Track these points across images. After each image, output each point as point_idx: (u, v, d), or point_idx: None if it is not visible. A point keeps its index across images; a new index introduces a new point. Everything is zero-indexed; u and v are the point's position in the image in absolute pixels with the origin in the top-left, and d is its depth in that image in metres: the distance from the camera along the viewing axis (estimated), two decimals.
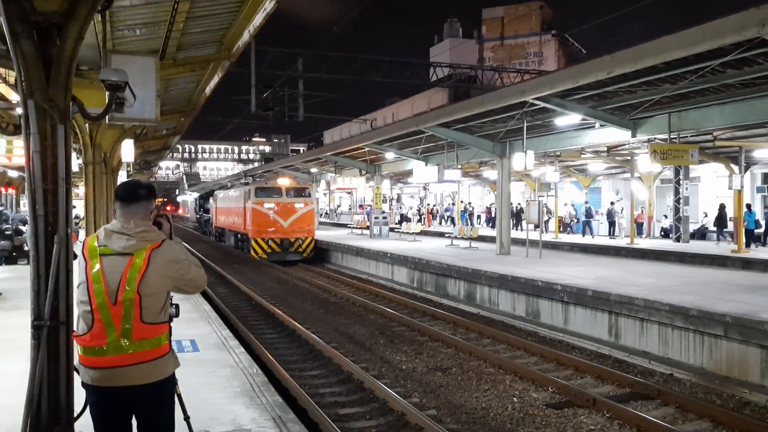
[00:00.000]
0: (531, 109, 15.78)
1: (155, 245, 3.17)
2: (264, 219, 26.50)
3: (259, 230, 26.52)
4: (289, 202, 26.83)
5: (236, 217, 30.71)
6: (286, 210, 26.67)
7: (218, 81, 11.60)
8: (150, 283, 3.09)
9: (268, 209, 26.48)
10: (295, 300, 16.91)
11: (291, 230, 26.56)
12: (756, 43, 9.36)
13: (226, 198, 34.64)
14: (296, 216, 26.75)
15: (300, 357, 10.86)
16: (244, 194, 28.49)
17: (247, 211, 27.72)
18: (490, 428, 7.32)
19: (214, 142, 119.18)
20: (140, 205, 3.25)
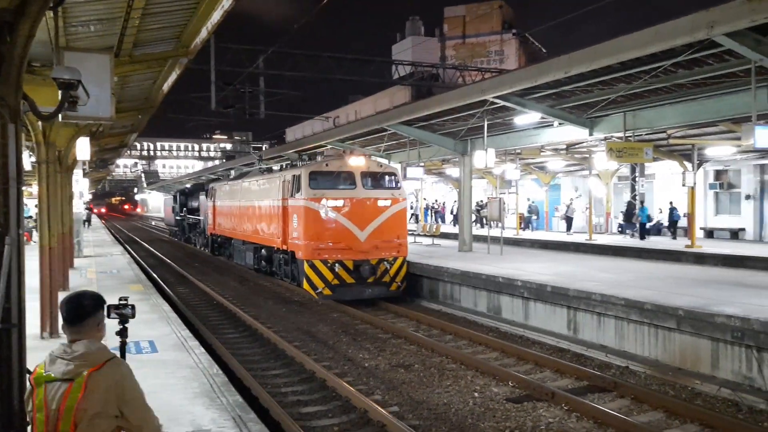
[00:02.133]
0: (491, 108, 15.95)
1: (95, 368, 2.82)
2: (324, 227, 15.73)
3: (317, 246, 15.56)
4: (369, 198, 16.11)
5: (260, 222, 19.94)
6: (364, 211, 15.95)
7: (176, 78, 11.40)
8: (89, 412, 2.78)
9: (332, 209, 15.80)
10: (257, 299, 16.78)
11: (372, 246, 15.80)
12: (706, 45, 9.65)
13: (238, 192, 23.35)
14: (380, 221, 16.01)
15: (262, 356, 10.79)
16: (281, 185, 17.73)
17: (289, 212, 16.93)
18: (451, 423, 7.40)
19: (174, 140, 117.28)
20: (86, 323, 2.94)
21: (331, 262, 15.42)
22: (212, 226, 27.69)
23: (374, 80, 31.64)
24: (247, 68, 26.43)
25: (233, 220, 23.77)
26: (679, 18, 9.46)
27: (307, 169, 16.44)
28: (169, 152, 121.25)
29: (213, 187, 28.00)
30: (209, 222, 28.25)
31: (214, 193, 27.51)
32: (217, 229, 26.96)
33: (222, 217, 25.82)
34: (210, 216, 28.00)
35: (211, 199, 27.56)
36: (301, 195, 16.00)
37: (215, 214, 26.98)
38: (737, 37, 8.92)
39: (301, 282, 15.86)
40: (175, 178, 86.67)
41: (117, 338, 3.41)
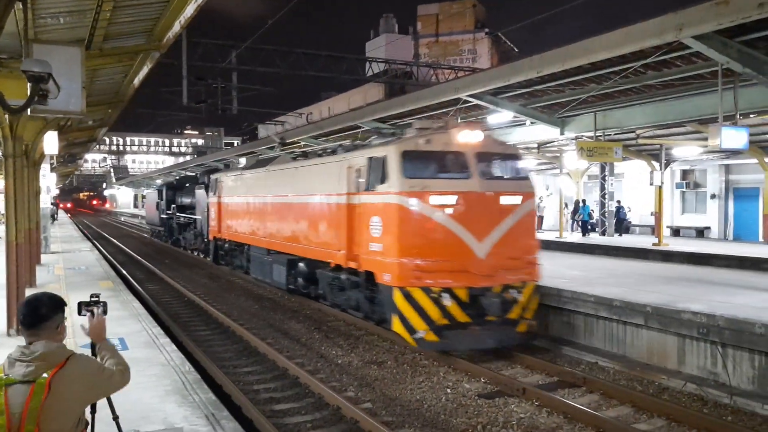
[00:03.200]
0: (465, 106, 16.08)
1: (57, 367, 2.81)
2: (428, 237, 10.22)
3: (417, 267, 10.00)
4: (490, 193, 10.48)
5: (302, 226, 14.20)
6: (484, 212, 10.41)
7: (148, 72, 11.27)
8: (55, 411, 2.77)
9: (437, 209, 10.19)
10: (229, 296, 16.66)
11: (495, 265, 10.31)
12: (674, 47, 9.86)
13: (260, 184, 17.38)
14: (505, 227, 10.53)
15: (234, 354, 10.73)
16: (344, 174, 12.00)
17: (362, 213, 11.33)
18: (424, 419, 7.45)
19: (144, 135, 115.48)
20: (44, 326, 2.91)
21: (436, 291, 9.64)
22: (217, 228, 21.38)
23: (348, 77, 31.58)
24: (220, 63, 26.17)
25: (252, 222, 17.76)
26: (648, 20, 9.65)
27: (398, 147, 10.36)
28: (139, 147, 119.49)
29: (218, 179, 21.52)
30: (212, 223, 21.94)
31: (219, 186, 21.21)
32: (224, 232, 20.66)
33: (233, 217, 19.71)
34: (213, 215, 21.79)
35: (216, 194, 21.52)
36: (390, 187, 10.20)
37: (222, 213, 20.84)
38: (704, 39, 9.13)
39: (389, 319, 10.12)
40: (146, 173, 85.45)
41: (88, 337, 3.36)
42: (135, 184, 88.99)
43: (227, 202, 20.38)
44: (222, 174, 21.83)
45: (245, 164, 21.14)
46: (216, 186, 21.68)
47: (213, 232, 22.01)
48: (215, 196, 21.62)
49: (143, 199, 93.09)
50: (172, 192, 31.45)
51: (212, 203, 22.06)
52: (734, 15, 8.24)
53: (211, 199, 22.21)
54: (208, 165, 39.28)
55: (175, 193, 31.15)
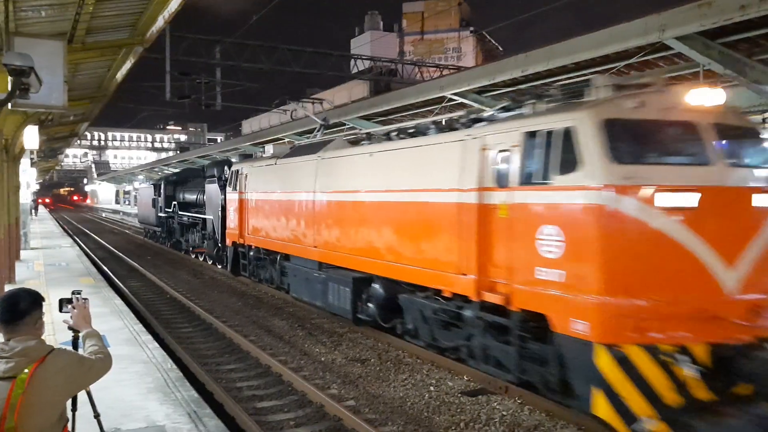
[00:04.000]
0: (449, 104, 16.09)
1: (38, 362, 2.80)
2: (646, 259, 6.23)
3: (635, 310, 6.10)
4: (741, 188, 6.56)
5: (377, 229, 10.53)
6: (731, 217, 6.42)
7: (131, 67, 11.17)
8: (36, 406, 2.75)
9: (665, 214, 6.22)
10: (212, 293, 16.57)
11: (754, 304, 6.31)
12: (657, 47, 9.94)
13: (308, 176, 13.08)
14: (763, 243, 6.49)
15: (217, 351, 10.68)
16: (476, 159, 8.12)
17: (510, 219, 7.49)
18: (407, 417, 7.47)
19: (126, 130, 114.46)
20: (22, 323, 2.91)
21: (668, 352, 6.07)
22: (237, 231, 17.07)
23: (333, 74, 31.52)
24: (204, 59, 26.00)
25: (294, 225, 13.55)
26: (632, 21, 9.73)
27: (597, 113, 6.63)
28: (121, 143, 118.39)
29: (239, 171, 17.37)
30: (231, 224, 17.76)
31: (241, 179, 17.03)
32: (249, 237, 16.39)
33: (263, 217, 15.43)
34: (232, 215, 17.53)
35: (235, 189, 17.39)
36: (586, 178, 6.49)
37: (245, 213, 16.61)
38: (687, 40, 9.22)
39: (580, 392, 6.53)
40: (128, 169, 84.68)
41: (69, 332, 3.33)
42: (117, 180, 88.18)
43: (254, 198, 15.85)
44: (246, 164, 17.41)
45: (274, 152, 15.39)
46: (236, 179, 17.33)
47: (232, 236, 17.49)
48: (234, 192, 17.36)
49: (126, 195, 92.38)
50: (172, 187, 27.41)
51: (231, 200, 17.71)
52: (716, 17, 8.34)
53: (230, 195, 17.84)
54: (213, 156, 34.67)
55: (176, 188, 27.03)
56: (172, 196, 26.94)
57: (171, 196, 27.04)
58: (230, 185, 17.89)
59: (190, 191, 24.77)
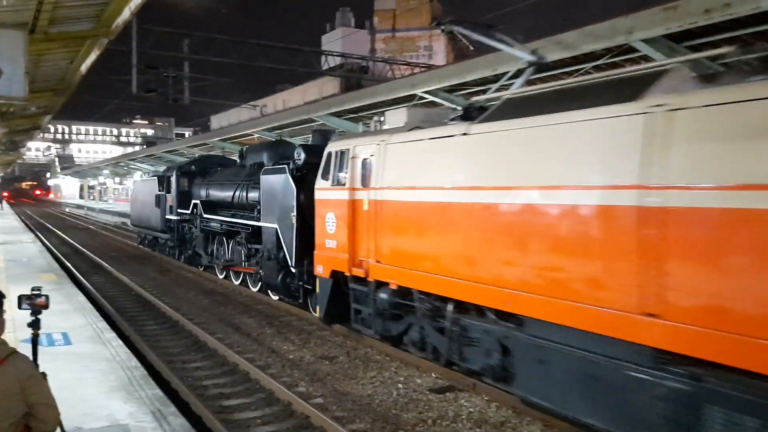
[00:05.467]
0: (420, 102, 16.13)
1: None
2: None
3: None
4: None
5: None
6: None
7: (96, 59, 10.94)
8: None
9: None
10: (179, 290, 16.34)
11: None
12: (624, 49, 10.10)
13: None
14: None
15: (183, 349, 10.54)
16: None
17: None
18: (375, 414, 7.46)
19: (91, 123, 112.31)
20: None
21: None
22: (346, 256, 10.10)
23: (303, 70, 31.36)
24: (172, 52, 25.64)
25: (512, 253, 7.01)
26: (600, 23, 9.86)
27: None
28: (86, 136, 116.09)
29: (352, 152, 10.14)
30: (332, 242, 10.62)
31: (358, 165, 9.97)
32: (380, 267, 9.34)
33: (422, 234, 8.50)
34: (332, 227, 10.62)
35: (340, 184, 10.42)
36: None
37: (368, 225, 9.62)
38: (653, 43, 9.39)
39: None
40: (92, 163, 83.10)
41: (29, 330, 3.24)
42: (81, 175, 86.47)
43: (391, 199, 9.07)
44: (366, 140, 9.94)
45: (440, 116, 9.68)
46: (338, 166, 10.48)
47: (330, 262, 10.57)
48: (335, 188, 10.48)
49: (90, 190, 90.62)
50: (188, 180, 20.30)
51: (326, 203, 10.78)
52: (682, 20, 8.50)
53: (324, 194, 10.89)
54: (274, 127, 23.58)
55: (193, 181, 20.00)
56: (189, 192, 20.03)
57: (187, 193, 20.08)
58: (326, 177, 10.77)
59: (222, 186, 17.45)
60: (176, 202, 20.58)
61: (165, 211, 21.59)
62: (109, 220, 47.44)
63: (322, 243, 10.77)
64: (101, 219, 49.95)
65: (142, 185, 26.00)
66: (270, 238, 13.37)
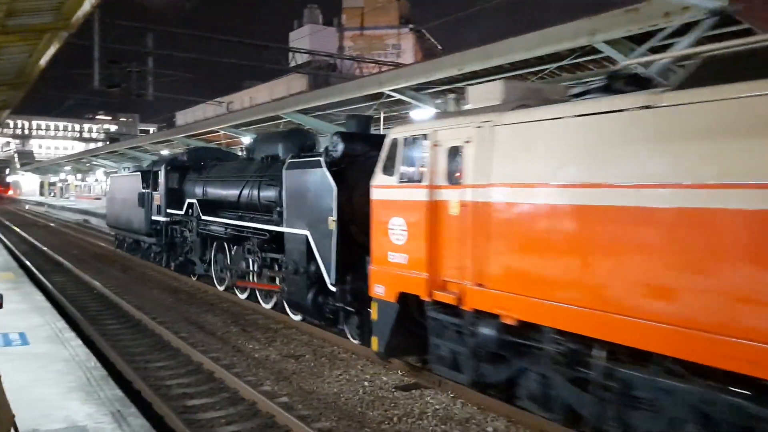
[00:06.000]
0: (388, 100, 16.14)
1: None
2: None
3: None
4: None
5: None
6: None
7: (55, 53, 10.67)
8: None
9: None
10: (142, 288, 16.08)
11: None
12: (587, 51, 10.26)
13: None
14: None
15: (146, 349, 10.37)
16: None
17: None
18: (341, 412, 7.45)
19: (52, 119, 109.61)
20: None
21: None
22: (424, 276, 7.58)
23: (271, 66, 31.09)
24: (135, 47, 25.19)
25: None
26: (564, 24, 10.00)
27: None
28: (47, 132, 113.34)
29: (433, 138, 7.56)
30: (399, 255, 8.05)
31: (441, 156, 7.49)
32: (493, 295, 6.67)
33: (596, 257, 5.67)
34: (400, 236, 8.04)
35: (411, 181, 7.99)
36: None
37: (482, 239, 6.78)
38: (615, 44, 9.55)
39: None
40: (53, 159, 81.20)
41: None
42: (42, 171, 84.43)
43: (513, 202, 6.55)
44: (463, 120, 7.32)
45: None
46: (413, 153, 8.07)
47: (402, 283, 8.07)
48: (402, 186, 8.16)
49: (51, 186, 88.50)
50: (179, 176, 17.82)
51: (390, 204, 8.36)
52: (642, 22, 8.67)
53: (386, 193, 8.44)
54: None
55: (186, 177, 17.56)
56: (180, 189, 17.56)
57: (178, 190, 17.63)
58: (389, 171, 8.36)
59: (225, 183, 14.86)
60: (165, 201, 17.97)
61: (150, 212, 18.95)
62: (70, 218, 46.42)
63: (383, 256, 8.26)
64: (62, 216, 48.85)
65: (122, 181, 23.19)
66: (297, 247, 10.80)
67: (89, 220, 42.22)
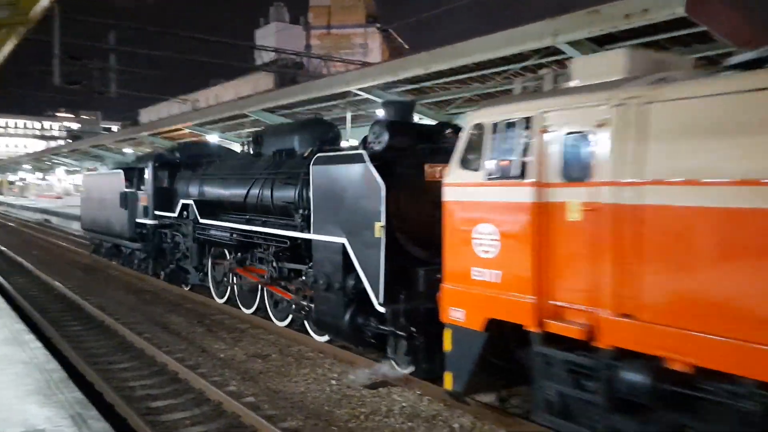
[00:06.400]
0: (355, 99, 16.14)
1: None
2: None
3: None
4: None
5: None
6: None
7: (13, 48, 10.42)
8: None
9: None
10: (105, 289, 15.78)
11: None
12: (551, 51, 10.41)
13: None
14: None
15: (109, 350, 10.20)
16: None
17: None
18: (308, 411, 7.43)
19: (11, 116, 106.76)
20: None
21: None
22: (538, 302, 5.76)
23: (237, 64, 30.83)
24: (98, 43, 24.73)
25: None
26: (528, 24, 10.14)
27: None
28: (5, 129, 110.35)
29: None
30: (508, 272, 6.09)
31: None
32: (665, 334, 4.85)
33: None
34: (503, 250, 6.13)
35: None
36: None
37: (628, 254, 5.09)
38: (577, 45, 9.71)
39: None
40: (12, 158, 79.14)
41: None
42: (0, 170, 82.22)
43: (686, 206, 4.76)
44: (589, 97, 5.51)
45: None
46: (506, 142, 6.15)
47: (492, 306, 6.26)
48: (492, 184, 6.26)
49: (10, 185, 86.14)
50: (169, 173, 16.11)
51: (473, 206, 6.52)
52: (604, 24, 8.84)
53: (468, 192, 6.57)
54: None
55: (177, 175, 15.78)
56: (171, 189, 15.82)
57: (169, 190, 15.88)
58: (470, 165, 6.63)
59: (227, 181, 13.15)
60: (153, 202, 16.13)
61: (135, 214, 17.09)
62: (30, 217, 45.32)
63: (464, 273, 6.54)
64: (22, 216, 47.65)
65: (100, 180, 20.97)
66: (330, 257, 9.03)
67: (50, 219, 41.28)
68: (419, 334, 7.74)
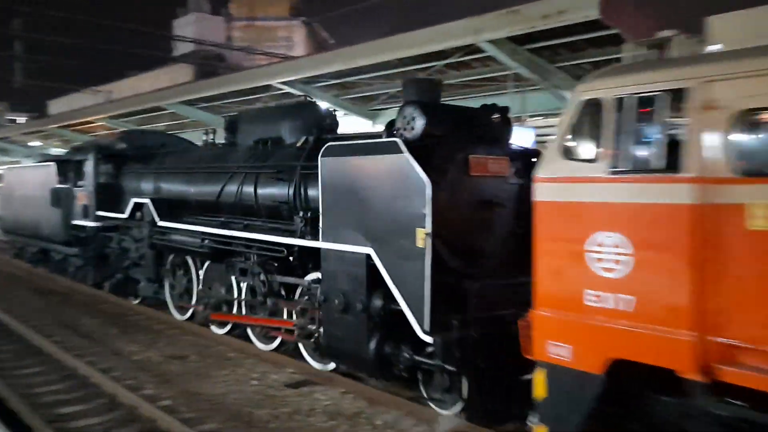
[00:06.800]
0: (278, 93, 15.90)
1: None
2: None
3: None
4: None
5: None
6: None
7: None
8: None
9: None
10: (9, 290, 14.88)
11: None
12: (473, 49, 10.59)
13: None
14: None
15: (14, 355, 9.61)
16: None
17: None
18: (228, 413, 7.25)
19: None
20: None
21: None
22: (699, 339, 4.11)
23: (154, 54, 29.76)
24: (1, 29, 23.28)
25: None
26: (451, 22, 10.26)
27: None
28: None
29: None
30: (644, 299, 4.42)
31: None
32: None
33: None
34: (637, 269, 4.44)
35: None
36: None
37: None
38: (498, 44, 9.92)
39: None
40: None
41: None
42: None
43: None
44: None
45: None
46: (637, 123, 4.53)
47: (618, 343, 4.55)
48: (618, 179, 4.57)
49: None
50: (114, 167, 14.08)
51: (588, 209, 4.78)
52: (523, 24, 9.06)
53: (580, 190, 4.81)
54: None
55: (123, 169, 13.86)
56: (117, 185, 13.82)
57: (114, 186, 13.84)
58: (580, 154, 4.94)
59: (192, 177, 11.32)
60: (95, 201, 13.94)
61: (71, 214, 14.78)
62: None
63: (572, 296, 4.87)
64: None
65: (25, 174, 18.37)
66: (349, 270, 7.28)
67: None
68: (474, 370, 6.28)
